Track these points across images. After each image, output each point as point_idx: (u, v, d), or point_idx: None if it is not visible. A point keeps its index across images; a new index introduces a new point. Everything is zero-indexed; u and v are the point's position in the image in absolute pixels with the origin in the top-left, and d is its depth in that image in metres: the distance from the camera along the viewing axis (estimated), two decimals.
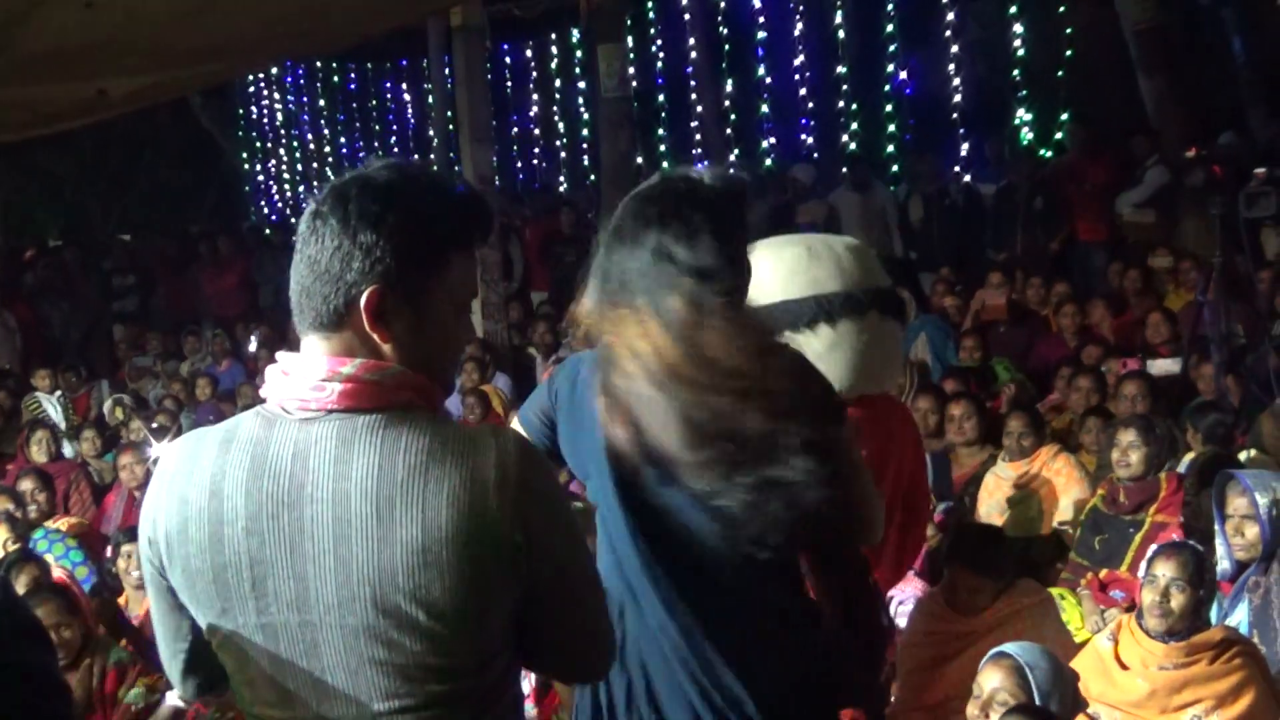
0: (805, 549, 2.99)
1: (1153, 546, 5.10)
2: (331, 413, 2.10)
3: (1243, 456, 6.51)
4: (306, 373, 2.12)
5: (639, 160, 14.19)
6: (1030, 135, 14.92)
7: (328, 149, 23.69)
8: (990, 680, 4.32)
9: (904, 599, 6.05)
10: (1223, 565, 5.23)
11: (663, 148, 18.73)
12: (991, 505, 7.10)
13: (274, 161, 24.03)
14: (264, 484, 2.09)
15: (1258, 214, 7.75)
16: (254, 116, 23.99)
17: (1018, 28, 15.03)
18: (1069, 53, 14.86)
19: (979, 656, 4.50)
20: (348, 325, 2.13)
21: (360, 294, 2.11)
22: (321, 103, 23.62)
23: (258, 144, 24.03)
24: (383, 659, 2.06)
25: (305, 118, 23.82)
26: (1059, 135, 14.46)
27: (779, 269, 3.92)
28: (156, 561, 2.20)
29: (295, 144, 23.92)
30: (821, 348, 3.83)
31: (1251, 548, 5.18)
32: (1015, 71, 15.14)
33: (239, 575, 2.10)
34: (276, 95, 23.82)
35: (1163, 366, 8.62)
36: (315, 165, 23.66)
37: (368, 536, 2.04)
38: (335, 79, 23.09)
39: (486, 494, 2.04)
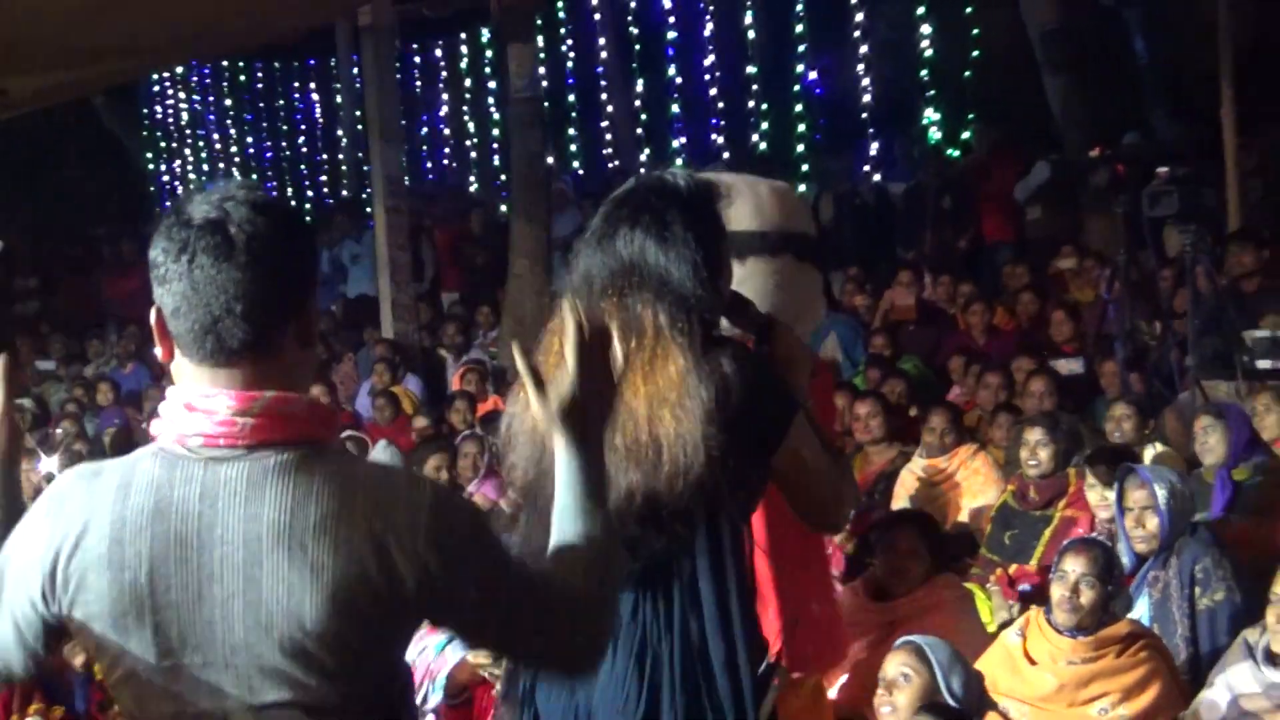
0: None
1: (1064, 542, 5.18)
2: (240, 449, 2.05)
3: (1148, 453, 6.62)
4: (214, 407, 2.07)
5: (550, 160, 14.16)
6: (938, 135, 15.06)
7: (234, 149, 23.43)
8: (891, 662, 4.42)
9: None
10: (1122, 560, 5.32)
11: (574, 148, 18.71)
12: (907, 501, 7.15)
13: (179, 162, 23.71)
14: (170, 526, 2.04)
15: (1160, 213, 7.86)
16: (159, 117, 23.66)
17: (925, 29, 15.17)
18: (976, 53, 15.02)
19: None
20: (280, 346, 2.10)
21: (301, 308, 2.12)
22: (228, 102, 23.35)
23: (163, 145, 23.70)
24: (285, 699, 2.04)
25: (211, 118, 23.53)
26: (966, 135, 14.61)
27: None
28: (40, 599, 2.12)
29: (201, 145, 23.63)
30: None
31: (1152, 539, 5.27)
32: (923, 72, 15.27)
33: (140, 619, 2.05)
34: (182, 95, 23.51)
35: (1067, 365, 8.72)
36: (222, 166, 23.38)
37: (278, 579, 2.00)
38: (242, 79, 22.82)
39: (395, 546, 2.02)
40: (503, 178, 17.47)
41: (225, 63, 21.83)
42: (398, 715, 2.18)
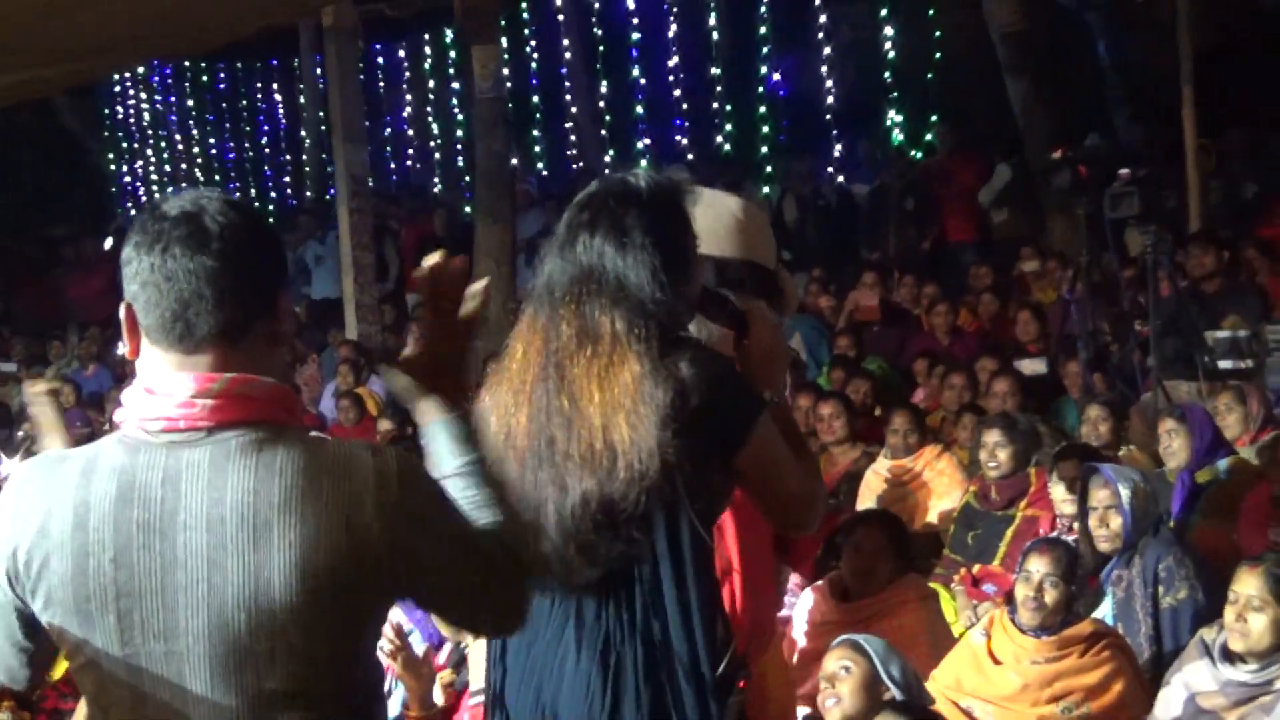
0: None
1: (1027, 543, 5.20)
2: (202, 432, 2.06)
3: (1122, 452, 6.66)
4: (174, 390, 2.07)
5: (514, 161, 14.15)
6: (901, 137, 15.12)
7: (196, 150, 23.29)
8: (830, 659, 4.42)
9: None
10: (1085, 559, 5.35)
11: (538, 149, 18.69)
12: (872, 502, 7.16)
13: (141, 162, 23.56)
14: (133, 513, 2.05)
15: (1122, 214, 7.89)
16: (120, 117, 23.50)
17: (888, 30, 15.24)
18: (938, 55, 15.08)
19: None
20: (248, 338, 2.11)
21: (272, 305, 2.14)
22: (190, 103, 23.21)
23: (124, 145, 23.55)
24: (251, 685, 2.04)
25: (173, 118, 23.38)
26: (929, 137, 14.68)
27: None
28: (8, 584, 2.12)
29: (163, 145, 23.48)
30: None
31: (1115, 538, 5.30)
32: (886, 74, 15.33)
33: (103, 607, 2.05)
34: (144, 95, 23.36)
35: (1031, 366, 8.75)
36: (184, 166, 23.25)
37: (243, 562, 2.01)
38: (204, 79, 22.69)
39: (364, 519, 2.03)
40: (467, 179, 17.44)
41: (187, 62, 21.69)
42: (368, 710, 2.18)
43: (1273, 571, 4.41)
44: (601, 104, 17.80)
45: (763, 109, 16.33)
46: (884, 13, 15.25)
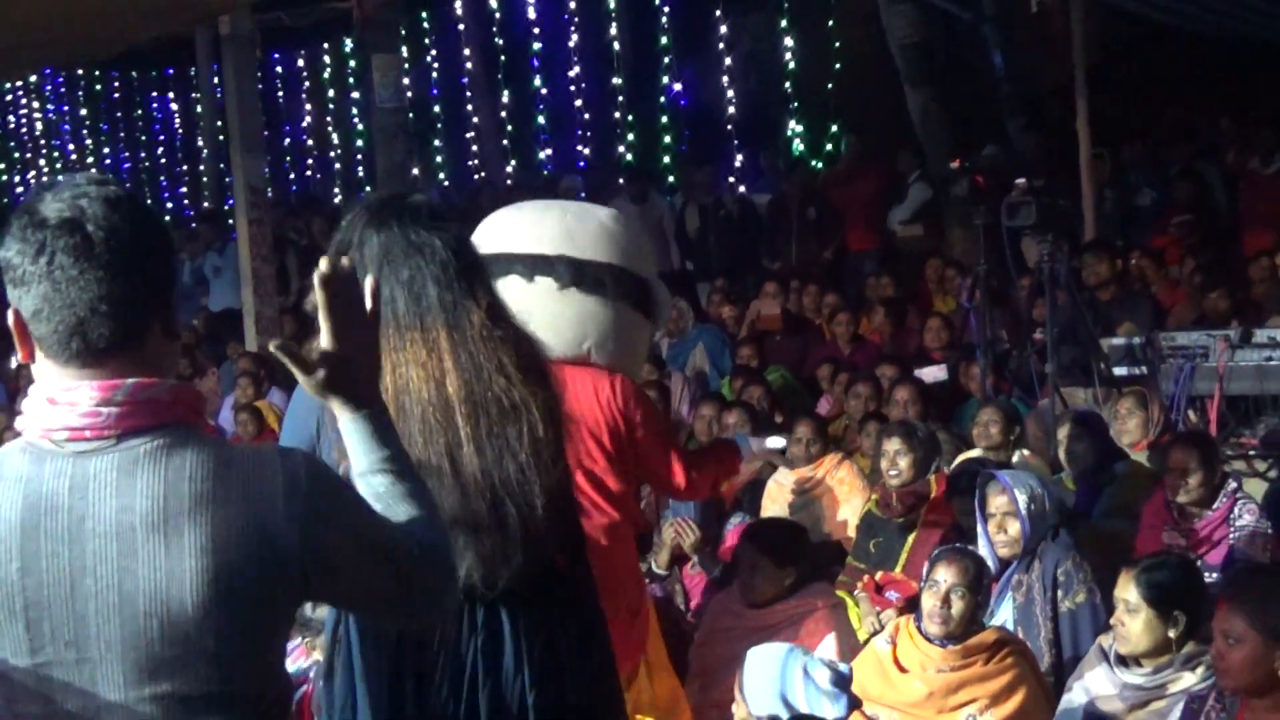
0: None
1: (934, 551, 5.24)
2: (109, 440, 2.03)
3: (1015, 458, 6.73)
4: (77, 399, 2.04)
5: (415, 172, 14.08)
6: (802, 146, 15.22)
7: (91, 160, 22.94)
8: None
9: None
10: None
11: (439, 159, 18.60)
12: (775, 511, 7.18)
13: (33, 173, 23.17)
14: (40, 521, 2.02)
15: (1019, 223, 7.97)
16: (11, 126, 23.12)
17: (789, 41, 15.33)
18: (838, 66, 15.19)
19: None
20: (145, 340, 2.09)
21: (166, 301, 2.12)
22: (84, 112, 22.85)
23: (16, 155, 23.15)
24: (165, 692, 2.02)
25: (66, 128, 23.02)
26: (830, 146, 14.78)
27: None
28: None
29: (56, 155, 23.10)
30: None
31: (1014, 544, 5.36)
32: (787, 84, 15.43)
33: (11, 617, 2.02)
34: (35, 104, 22.99)
35: (931, 374, 8.82)
36: None
37: (155, 567, 1.99)
38: (98, 87, 22.36)
39: (276, 520, 2.03)
40: (367, 189, 17.31)
41: (80, 71, 21.37)
42: (281, 712, 2.17)
43: (1143, 575, 4.50)
44: (503, 114, 17.75)
45: (664, 119, 16.38)
46: (784, 23, 15.34)
